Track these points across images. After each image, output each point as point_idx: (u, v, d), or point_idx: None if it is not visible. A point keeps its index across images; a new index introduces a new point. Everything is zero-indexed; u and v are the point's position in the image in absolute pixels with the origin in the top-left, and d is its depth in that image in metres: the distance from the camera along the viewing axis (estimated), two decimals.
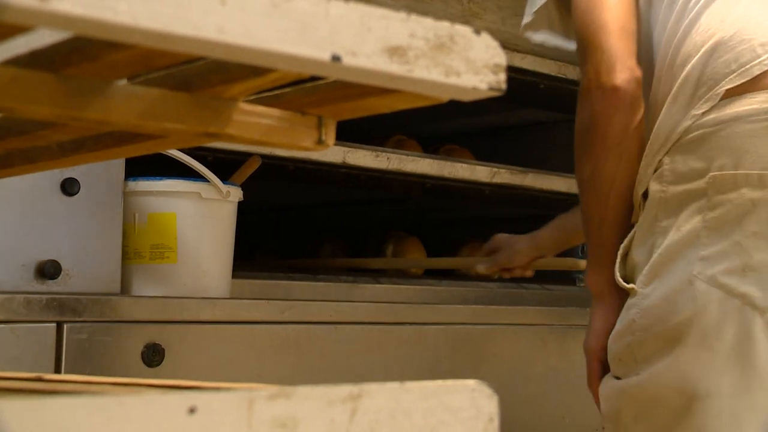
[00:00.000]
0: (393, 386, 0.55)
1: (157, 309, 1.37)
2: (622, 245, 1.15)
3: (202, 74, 0.60)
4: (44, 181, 1.36)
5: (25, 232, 1.34)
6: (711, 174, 1.06)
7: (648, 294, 1.11)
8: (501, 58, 0.58)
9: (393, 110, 0.62)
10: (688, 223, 1.07)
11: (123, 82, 0.60)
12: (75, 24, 0.45)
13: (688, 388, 1.06)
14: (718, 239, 1.06)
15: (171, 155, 1.45)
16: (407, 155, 1.86)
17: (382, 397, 0.54)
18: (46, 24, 0.45)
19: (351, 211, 2.51)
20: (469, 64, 0.56)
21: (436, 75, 0.55)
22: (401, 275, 2.03)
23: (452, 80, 0.56)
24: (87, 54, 0.55)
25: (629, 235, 1.15)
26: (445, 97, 0.58)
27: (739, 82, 1.07)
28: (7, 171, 0.82)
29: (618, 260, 1.14)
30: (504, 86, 0.57)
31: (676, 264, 1.08)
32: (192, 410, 0.48)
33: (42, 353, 1.28)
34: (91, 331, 1.31)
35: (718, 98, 1.08)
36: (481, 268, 1.72)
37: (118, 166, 1.43)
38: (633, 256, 1.14)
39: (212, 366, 1.40)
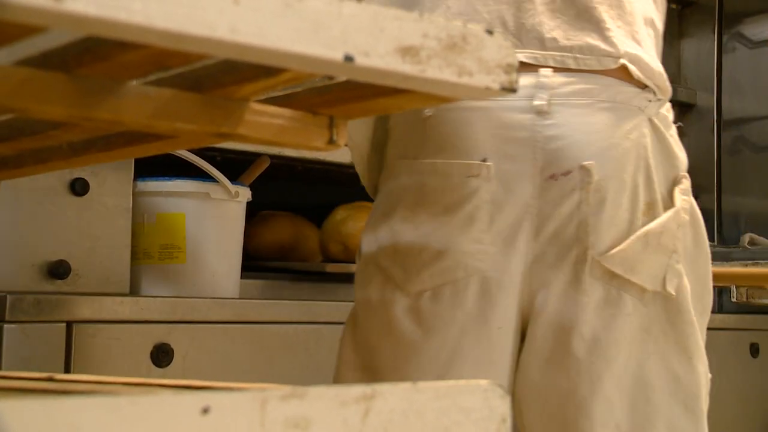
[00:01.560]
0: (406, 386, 0.55)
1: (166, 309, 1.37)
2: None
3: (213, 74, 0.60)
4: (54, 181, 1.36)
5: (34, 233, 1.34)
6: (387, 162, 1.11)
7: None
8: (513, 58, 0.58)
9: (405, 110, 0.62)
10: (378, 205, 1.12)
11: (135, 82, 0.60)
12: (89, 24, 0.45)
13: (358, 362, 1.11)
14: (383, 224, 1.09)
15: (180, 156, 1.45)
16: None
17: (395, 397, 0.54)
18: (59, 24, 0.45)
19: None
20: (481, 64, 0.56)
21: (448, 75, 0.55)
22: None
23: (465, 80, 0.56)
24: (99, 54, 0.55)
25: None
26: (458, 97, 0.58)
27: None
28: (19, 171, 0.82)
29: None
30: (516, 86, 0.57)
31: (363, 246, 1.13)
32: (205, 410, 0.48)
33: (52, 353, 1.28)
34: (101, 331, 1.31)
35: None
36: None
37: (127, 166, 1.43)
38: None
39: (221, 366, 1.40)
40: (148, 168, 1.46)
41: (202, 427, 0.48)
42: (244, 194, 1.53)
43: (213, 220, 1.48)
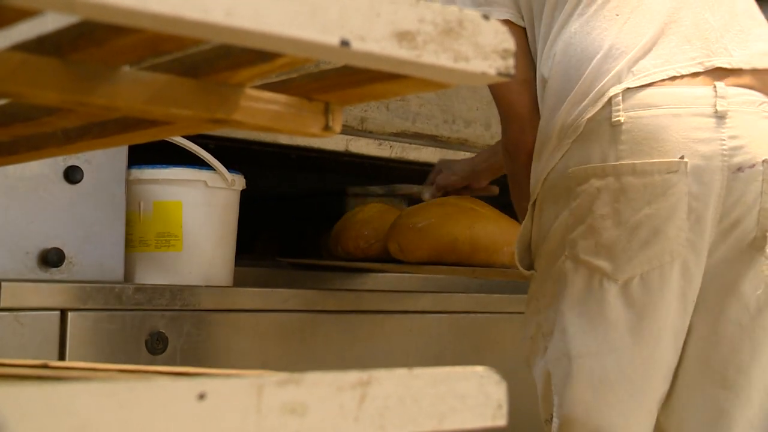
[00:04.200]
0: (402, 372, 0.55)
1: (160, 297, 1.37)
2: (519, 238, 1.34)
3: (208, 60, 0.59)
4: (47, 169, 1.35)
5: (28, 220, 1.34)
6: (571, 169, 1.26)
7: (543, 277, 1.31)
8: (509, 43, 0.57)
9: (401, 96, 0.62)
10: (561, 213, 1.27)
11: (129, 67, 0.59)
12: (83, 8, 0.45)
13: (570, 351, 1.27)
14: (579, 223, 1.25)
15: (177, 143, 1.45)
16: (410, 144, 1.86)
17: (391, 383, 0.54)
18: (54, 8, 0.45)
19: (354, 199, 2.50)
20: (477, 49, 0.56)
21: (444, 60, 0.55)
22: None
23: (461, 65, 0.55)
24: (93, 39, 0.54)
25: (526, 228, 1.34)
26: (454, 82, 0.58)
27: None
28: (13, 158, 0.81)
29: (518, 250, 1.34)
30: (513, 71, 0.57)
31: (555, 248, 1.28)
32: (201, 396, 0.48)
33: (46, 341, 1.28)
34: (95, 319, 1.31)
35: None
36: (426, 195, 1.76)
37: (121, 153, 1.42)
38: (533, 246, 1.34)
39: (216, 354, 1.40)
40: (142, 155, 1.45)
41: (199, 412, 0.48)
42: (240, 182, 1.53)
43: (209, 208, 1.48)
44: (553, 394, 1.30)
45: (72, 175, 1.37)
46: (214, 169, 1.47)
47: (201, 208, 1.47)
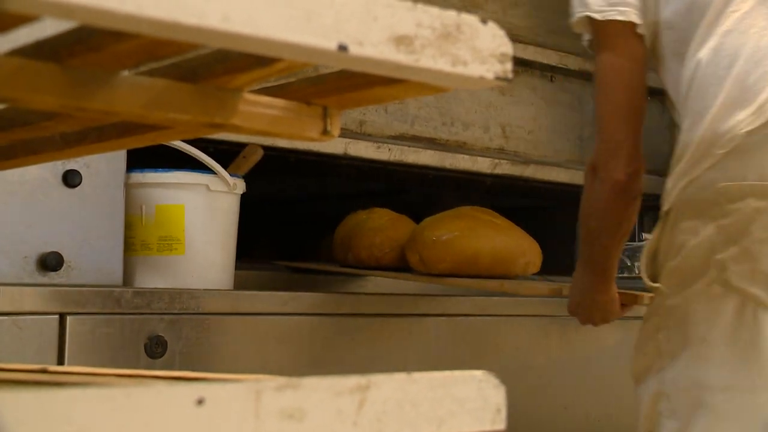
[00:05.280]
0: (400, 377, 0.54)
1: (159, 301, 1.37)
2: (647, 247, 1.25)
3: (206, 64, 0.59)
4: (46, 173, 1.35)
5: (27, 225, 1.34)
6: (721, 184, 1.15)
7: (671, 294, 1.21)
8: (507, 47, 0.57)
9: (399, 100, 0.62)
10: (704, 228, 1.16)
11: (127, 72, 0.59)
12: (80, 13, 0.45)
13: (710, 381, 1.17)
14: (730, 245, 1.15)
15: (178, 147, 1.45)
16: (408, 147, 1.86)
17: (390, 387, 0.54)
18: (51, 13, 0.45)
19: (352, 203, 2.50)
20: (475, 53, 0.56)
21: (442, 64, 0.55)
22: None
23: (459, 70, 0.55)
24: (91, 44, 0.54)
25: (654, 238, 1.25)
26: (452, 86, 0.58)
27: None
28: (11, 162, 0.81)
29: (644, 261, 1.24)
30: (510, 75, 0.57)
31: (698, 267, 1.17)
32: (200, 401, 0.48)
33: (45, 345, 1.27)
34: (94, 323, 1.31)
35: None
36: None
37: (119, 157, 1.42)
38: (659, 258, 1.24)
39: (215, 358, 1.40)
40: (140, 159, 1.45)
41: (197, 418, 0.48)
42: (241, 186, 1.53)
43: (211, 211, 1.48)
44: (662, 418, 1.22)
45: (71, 179, 1.37)
46: (215, 173, 1.47)
47: (203, 211, 1.47)
